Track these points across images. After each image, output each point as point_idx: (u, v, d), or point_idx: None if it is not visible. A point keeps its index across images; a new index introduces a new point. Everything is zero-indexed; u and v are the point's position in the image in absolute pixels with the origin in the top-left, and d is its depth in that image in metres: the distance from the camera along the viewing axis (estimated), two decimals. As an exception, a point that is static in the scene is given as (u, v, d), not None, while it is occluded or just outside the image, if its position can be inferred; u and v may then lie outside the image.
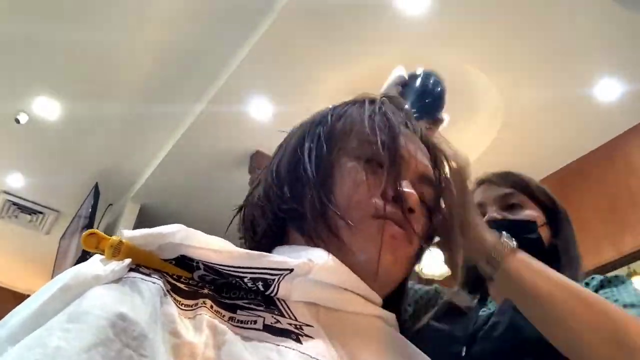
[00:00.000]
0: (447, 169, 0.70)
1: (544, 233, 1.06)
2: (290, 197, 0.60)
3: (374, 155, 0.61)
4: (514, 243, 0.76)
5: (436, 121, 0.96)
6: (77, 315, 0.37)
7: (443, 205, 0.70)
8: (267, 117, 3.17)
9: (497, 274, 0.74)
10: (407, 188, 0.59)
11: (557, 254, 1.04)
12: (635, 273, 3.16)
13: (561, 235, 1.08)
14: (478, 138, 3.14)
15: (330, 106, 0.69)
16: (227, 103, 3.11)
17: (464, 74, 2.80)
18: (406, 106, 0.70)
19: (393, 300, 0.63)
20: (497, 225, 0.97)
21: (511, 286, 0.75)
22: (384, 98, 0.68)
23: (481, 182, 1.14)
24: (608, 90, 2.90)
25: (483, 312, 1.02)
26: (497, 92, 2.90)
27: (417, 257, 0.64)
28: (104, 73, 3.21)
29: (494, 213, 1.08)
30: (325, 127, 0.64)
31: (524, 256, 0.75)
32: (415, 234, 0.60)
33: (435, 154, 0.68)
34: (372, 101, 0.66)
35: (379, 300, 0.58)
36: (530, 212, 1.07)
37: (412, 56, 2.70)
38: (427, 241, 0.65)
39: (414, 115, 0.73)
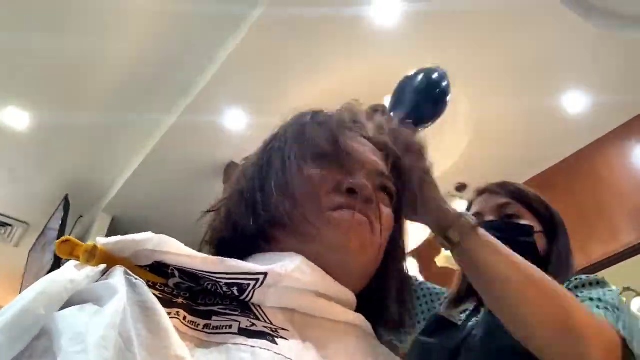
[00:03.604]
0: (404, 160, 0.71)
1: (540, 241, 1.06)
2: (260, 208, 0.62)
3: (325, 155, 0.63)
4: (475, 220, 0.76)
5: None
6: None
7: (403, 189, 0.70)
8: (242, 128, 3.16)
9: (455, 248, 0.75)
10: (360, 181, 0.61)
11: (550, 262, 1.04)
12: (603, 281, 3.23)
13: (557, 244, 1.07)
14: (450, 149, 3.17)
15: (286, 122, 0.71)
16: (201, 113, 3.09)
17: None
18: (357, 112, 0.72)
19: (372, 301, 0.64)
20: (492, 226, 0.97)
21: (468, 262, 0.75)
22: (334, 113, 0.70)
23: (480, 192, 1.15)
24: (575, 102, 2.98)
25: (473, 321, 1.01)
26: (467, 104, 2.94)
27: (384, 250, 0.64)
28: (74, 83, 3.16)
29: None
30: (281, 142, 0.67)
31: (484, 233, 0.75)
32: (376, 222, 0.61)
33: (387, 151, 0.69)
34: (315, 114, 0.69)
35: (353, 299, 0.60)
36: (527, 222, 1.08)
37: (383, 68, 2.73)
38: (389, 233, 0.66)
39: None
